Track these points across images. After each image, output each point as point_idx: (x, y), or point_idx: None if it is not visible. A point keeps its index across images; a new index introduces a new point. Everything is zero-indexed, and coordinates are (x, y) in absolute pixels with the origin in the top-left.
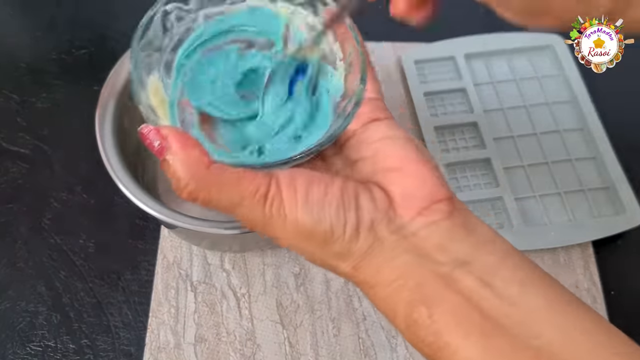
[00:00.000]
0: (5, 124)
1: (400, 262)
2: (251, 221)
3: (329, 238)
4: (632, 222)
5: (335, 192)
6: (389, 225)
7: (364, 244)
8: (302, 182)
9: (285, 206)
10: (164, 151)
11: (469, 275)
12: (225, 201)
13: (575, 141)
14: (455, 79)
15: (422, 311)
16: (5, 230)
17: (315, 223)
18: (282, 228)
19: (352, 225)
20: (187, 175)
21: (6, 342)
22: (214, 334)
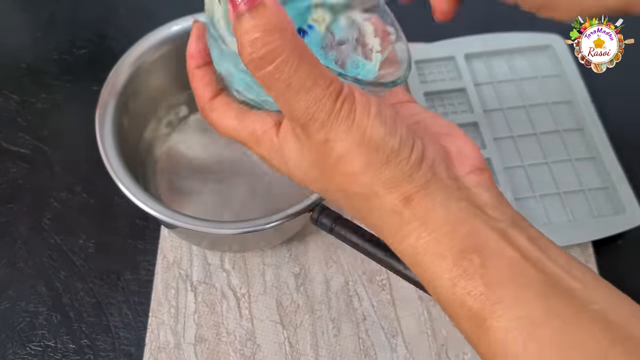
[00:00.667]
0: (5, 124)
1: (455, 207)
2: (313, 112)
3: (394, 157)
4: (632, 222)
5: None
6: (447, 170)
7: (424, 177)
8: (375, 98)
9: (357, 109)
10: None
11: (523, 235)
12: (298, 79)
13: (575, 141)
14: (455, 79)
15: (474, 259)
16: (5, 230)
17: (386, 136)
18: (344, 133)
19: (418, 152)
20: (274, 32)
21: (6, 342)
22: (214, 334)
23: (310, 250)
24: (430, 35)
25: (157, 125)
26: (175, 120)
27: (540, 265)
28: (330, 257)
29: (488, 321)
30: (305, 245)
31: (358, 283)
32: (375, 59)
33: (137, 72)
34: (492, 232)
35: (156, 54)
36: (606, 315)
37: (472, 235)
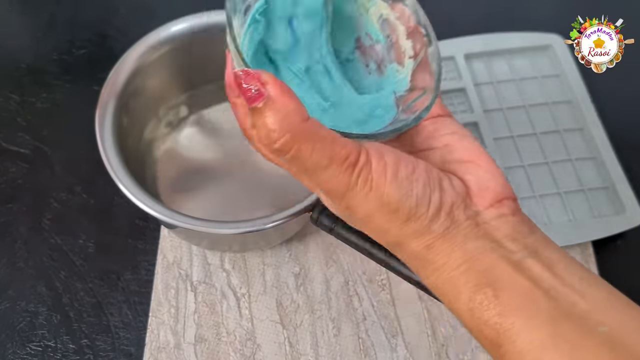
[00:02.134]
0: (5, 124)
1: (472, 246)
2: (331, 187)
3: (412, 215)
4: (632, 222)
5: (422, 171)
6: (465, 211)
7: (442, 225)
8: (391, 157)
9: (373, 178)
10: (260, 98)
11: (538, 264)
12: (313, 161)
13: (575, 141)
14: (455, 79)
15: (487, 292)
16: (5, 230)
17: (402, 198)
18: (363, 200)
19: (436, 205)
20: (283, 127)
21: (6, 342)
22: (214, 334)
23: (310, 250)
24: None
25: (157, 125)
26: (175, 120)
27: (553, 292)
28: (330, 257)
29: (503, 347)
30: (305, 245)
31: (358, 283)
32: (408, 65)
33: (137, 72)
34: (507, 265)
35: (156, 54)
36: (614, 337)
37: (487, 271)
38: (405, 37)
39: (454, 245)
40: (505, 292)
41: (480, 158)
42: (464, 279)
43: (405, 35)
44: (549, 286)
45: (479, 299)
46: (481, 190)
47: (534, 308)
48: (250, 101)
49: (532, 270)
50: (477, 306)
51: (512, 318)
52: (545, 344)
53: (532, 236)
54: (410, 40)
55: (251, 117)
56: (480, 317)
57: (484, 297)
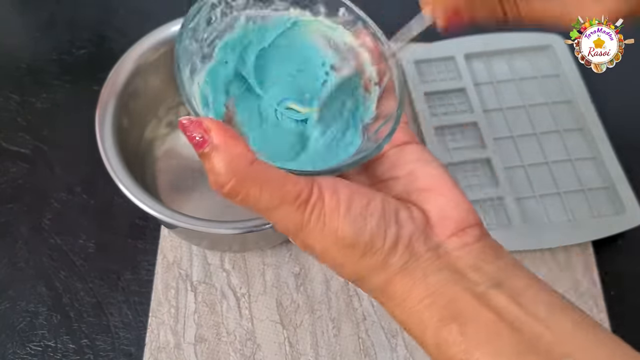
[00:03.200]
0: (5, 124)
1: (434, 279)
2: (286, 226)
3: (368, 250)
4: (632, 222)
5: (377, 205)
6: (425, 243)
7: (401, 259)
8: (345, 192)
9: (326, 214)
10: (204, 144)
11: (502, 295)
12: (264, 202)
13: (575, 141)
14: (455, 79)
15: (452, 328)
16: (5, 230)
17: (356, 234)
18: (319, 236)
19: (392, 239)
20: (229, 172)
21: (6, 342)
22: (214, 334)
23: None
24: (430, 35)
25: (157, 125)
26: (175, 120)
27: (517, 324)
28: None
29: None
30: None
31: None
32: (374, 92)
33: (137, 72)
34: (471, 298)
35: (156, 54)
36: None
37: (450, 304)
38: (370, 63)
39: (414, 279)
40: (470, 326)
41: (442, 186)
42: (428, 314)
43: (370, 62)
44: (513, 318)
45: (444, 335)
46: (442, 220)
47: (499, 343)
48: (196, 147)
49: (497, 302)
50: (442, 342)
51: (477, 354)
52: None
53: (498, 262)
54: (375, 67)
55: (202, 160)
56: (447, 352)
57: (449, 333)
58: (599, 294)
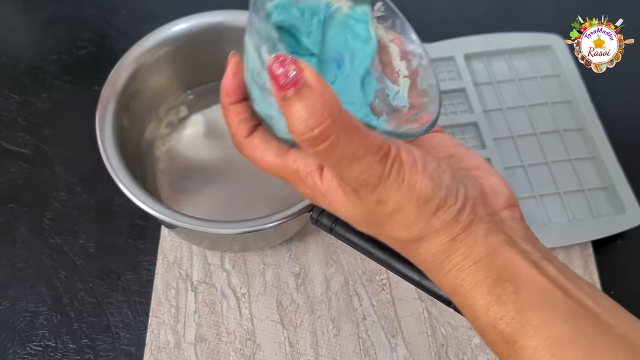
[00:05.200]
0: (5, 124)
1: (494, 240)
2: (365, 179)
3: (442, 206)
4: (632, 222)
5: (446, 166)
6: (485, 207)
7: (468, 218)
8: (419, 153)
9: (405, 169)
10: (297, 84)
11: (552, 266)
12: (350, 150)
13: (574, 141)
14: (455, 79)
15: (507, 287)
16: (5, 230)
17: (434, 189)
18: (396, 191)
19: (462, 197)
20: (324, 112)
21: (6, 342)
22: (214, 334)
23: (310, 250)
24: (430, 35)
25: (157, 125)
26: (175, 120)
27: (568, 291)
28: (330, 257)
29: (519, 342)
30: (305, 245)
31: (358, 283)
32: (403, 84)
33: (138, 72)
34: (525, 262)
35: (156, 54)
36: (628, 338)
37: (507, 266)
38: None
39: (477, 237)
40: (524, 287)
41: (488, 168)
42: (484, 272)
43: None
44: (564, 286)
45: (498, 292)
46: (495, 193)
47: (552, 304)
48: (284, 88)
49: (548, 270)
50: (495, 299)
51: (531, 313)
52: (564, 339)
53: (540, 244)
54: (404, 62)
55: (286, 104)
56: (497, 311)
57: (503, 291)
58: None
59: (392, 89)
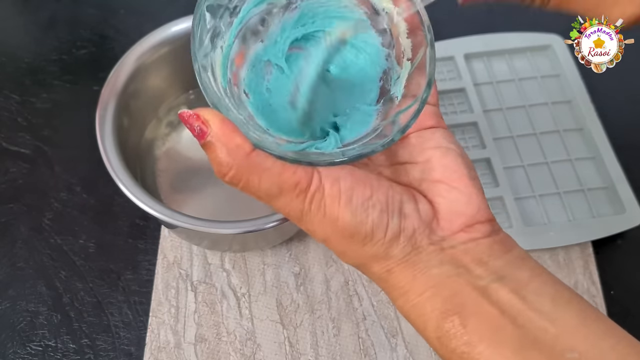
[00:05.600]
0: (5, 124)
1: (436, 272)
2: (288, 213)
3: (369, 241)
4: (632, 222)
5: (381, 197)
6: (430, 237)
7: (402, 251)
8: (347, 182)
9: (326, 204)
10: (204, 135)
11: (505, 288)
12: (264, 190)
13: (574, 141)
14: (455, 79)
15: (455, 320)
16: (5, 230)
17: (357, 225)
18: (319, 224)
19: (394, 230)
20: (229, 161)
21: (6, 342)
22: (214, 334)
23: (310, 250)
24: None
25: (157, 125)
26: (175, 120)
27: (520, 319)
28: (330, 256)
29: None
30: (305, 245)
31: (358, 283)
32: (405, 68)
33: (138, 72)
34: (472, 291)
35: (156, 54)
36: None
37: (453, 297)
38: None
39: (415, 271)
40: (472, 319)
41: (457, 179)
42: (430, 306)
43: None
44: (516, 312)
45: (447, 327)
46: (451, 215)
47: (501, 337)
48: (197, 138)
49: (499, 296)
50: (444, 334)
51: (480, 347)
52: None
53: (506, 256)
54: (409, 40)
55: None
56: (448, 345)
57: (451, 325)
58: (599, 294)
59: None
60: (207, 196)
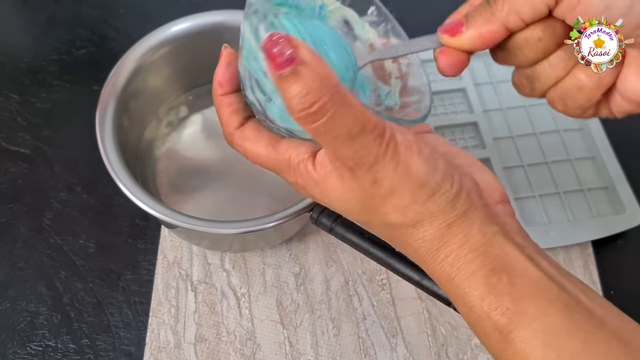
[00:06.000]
0: (5, 124)
1: (490, 229)
2: (361, 157)
3: (437, 191)
4: (632, 222)
5: (440, 155)
6: (480, 199)
7: (464, 205)
8: (413, 138)
9: (400, 151)
10: (294, 62)
11: (545, 261)
12: (346, 126)
13: (574, 141)
14: (455, 79)
15: (502, 277)
16: (6, 230)
17: (429, 172)
18: (391, 172)
19: (458, 184)
20: (322, 87)
21: (7, 342)
22: (214, 334)
23: (310, 250)
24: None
25: (157, 125)
26: (175, 120)
27: (563, 285)
28: (330, 256)
29: (513, 332)
30: (305, 245)
31: (358, 283)
32: (395, 85)
33: (138, 72)
34: (521, 255)
35: (156, 54)
36: (621, 333)
37: (502, 257)
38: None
39: (473, 226)
40: (520, 279)
41: (480, 165)
42: (480, 262)
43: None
44: (558, 280)
45: (493, 283)
46: (489, 188)
47: (547, 296)
48: (281, 67)
49: (542, 264)
50: (490, 290)
51: (527, 304)
52: (559, 330)
53: (532, 241)
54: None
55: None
56: (492, 301)
57: (499, 281)
58: (599, 294)
59: (383, 89)
60: (207, 196)
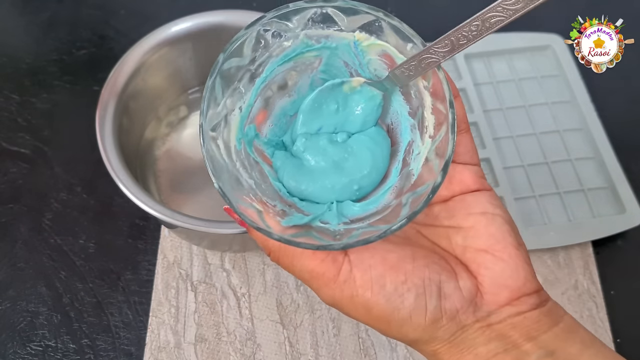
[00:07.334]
0: (5, 124)
1: (483, 350)
2: (321, 296)
3: (407, 325)
4: (632, 222)
5: (416, 280)
6: (475, 313)
7: (447, 332)
8: (379, 270)
9: (358, 293)
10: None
11: None
12: (297, 274)
13: (575, 141)
14: (455, 79)
15: None
16: (6, 230)
17: (392, 311)
18: (353, 311)
19: (434, 313)
20: (265, 248)
21: (7, 342)
22: (214, 334)
23: None
24: (429, 35)
25: (157, 125)
26: (175, 120)
27: None
28: None
29: None
30: None
31: None
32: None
33: (138, 72)
34: None
35: (156, 54)
36: None
37: None
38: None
39: (462, 350)
40: None
41: (503, 249)
42: None
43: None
44: None
45: None
46: (496, 288)
47: None
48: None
49: None
50: None
51: None
52: None
53: (554, 329)
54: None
55: None
56: None
57: None
58: (599, 294)
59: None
60: (207, 196)
